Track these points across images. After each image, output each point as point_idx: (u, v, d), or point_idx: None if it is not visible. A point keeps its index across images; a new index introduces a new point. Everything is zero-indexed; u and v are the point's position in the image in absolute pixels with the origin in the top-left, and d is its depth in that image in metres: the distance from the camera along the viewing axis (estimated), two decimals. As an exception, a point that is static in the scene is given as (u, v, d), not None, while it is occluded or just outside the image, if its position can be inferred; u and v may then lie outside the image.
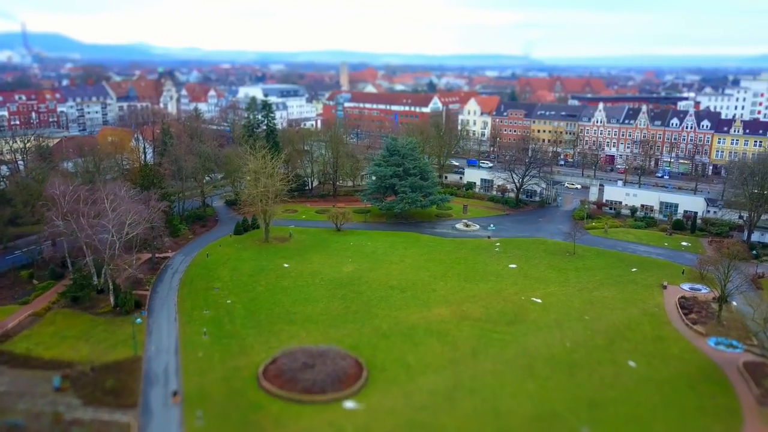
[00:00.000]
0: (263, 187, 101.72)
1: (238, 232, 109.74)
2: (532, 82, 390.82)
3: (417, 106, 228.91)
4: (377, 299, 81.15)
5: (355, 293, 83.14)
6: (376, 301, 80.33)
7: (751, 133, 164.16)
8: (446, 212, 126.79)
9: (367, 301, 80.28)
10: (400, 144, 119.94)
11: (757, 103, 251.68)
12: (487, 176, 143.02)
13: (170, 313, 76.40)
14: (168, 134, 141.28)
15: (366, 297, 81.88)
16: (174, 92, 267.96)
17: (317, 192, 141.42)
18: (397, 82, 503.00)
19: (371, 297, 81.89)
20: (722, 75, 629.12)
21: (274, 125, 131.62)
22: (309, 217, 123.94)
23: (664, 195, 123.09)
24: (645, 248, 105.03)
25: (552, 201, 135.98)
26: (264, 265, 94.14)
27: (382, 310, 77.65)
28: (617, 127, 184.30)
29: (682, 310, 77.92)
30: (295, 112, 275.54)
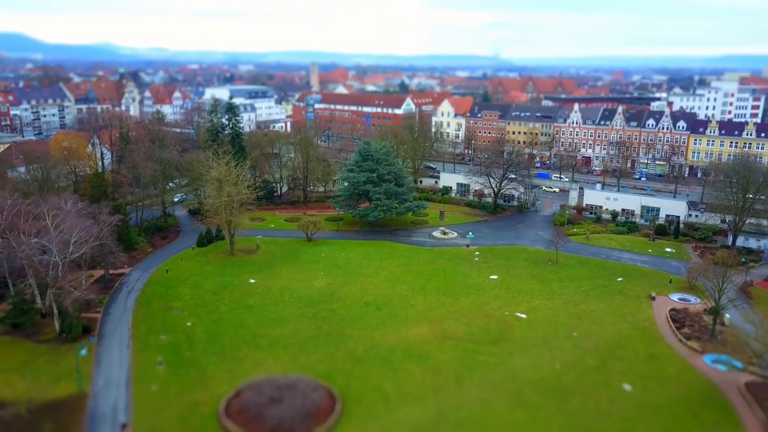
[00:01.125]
0: (227, 195, 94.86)
1: (202, 244, 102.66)
2: (505, 82, 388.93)
3: (389, 107, 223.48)
4: (351, 318, 75.20)
5: (328, 311, 77.05)
6: (351, 321, 74.38)
7: (726, 134, 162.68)
8: (422, 219, 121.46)
9: (341, 321, 74.26)
10: (373, 148, 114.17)
11: (728, 103, 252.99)
12: (464, 181, 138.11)
13: (123, 339, 69.27)
14: (126, 139, 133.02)
15: (339, 316, 75.86)
16: (136, 94, 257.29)
17: (287, 198, 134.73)
18: (369, 82, 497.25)
19: (345, 316, 75.90)
20: (688, 75, 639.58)
21: (239, 129, 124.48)
22: (278, 226, 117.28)
23: (646, 199, 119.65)
24: (629, 255, 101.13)
25: (530, 206, 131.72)
26: (228, 281, 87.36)
27: (357, 330, 71.74)
28: (593, 128, 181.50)
29: (674, 324, 73.76)
30: (264, 114, 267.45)
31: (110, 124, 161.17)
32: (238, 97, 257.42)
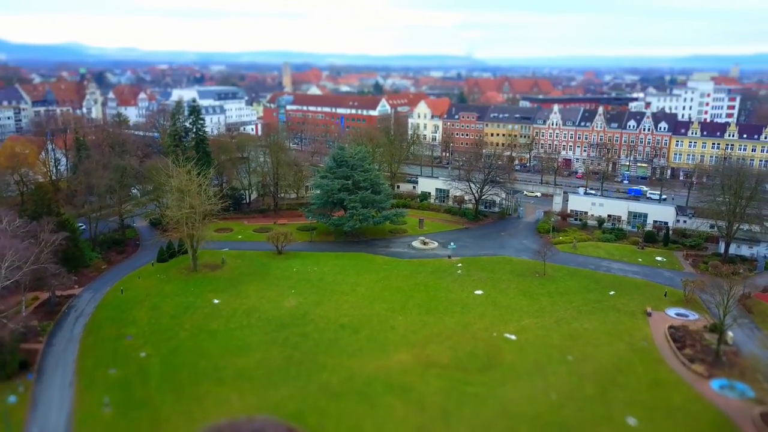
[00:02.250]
0: (189, 207, 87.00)
1: (162, 260, 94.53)
2: (480, 82, 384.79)
3: (364, 108, 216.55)
4: (326, 343, 68.22)
5: (299, 336, 69.93)
6: (325, 347, 67.39)
7: (708, 135, 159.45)
8: (401, 227, 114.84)
9: (314, 347, 67.22)
10: (348, 154, 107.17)
11: (704, 103, 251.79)
12: (443, 186, 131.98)
13: (66, 375, 61.26)
14: (82, 144, 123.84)
15: (312, 341, 68.82)
16: (98, 95, 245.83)
17: (256, 207, 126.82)
18: (342, 83, 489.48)
19: (318, 341, 68.88)
20: (659, 75, 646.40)
21: (203, 133, 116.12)
22: (246, 237, 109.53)
23: (633, 204, 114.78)
24: (619, 265, 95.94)
25: (513, 212, 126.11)
26: (190, 301, 79.59)
27: (332, 358, 64.80)
28: (573, 129, 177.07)
29: (675, 344, 68.38)
30: (234, 116, 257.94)
31: (70, 127, 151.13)
32: (207, 98, 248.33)
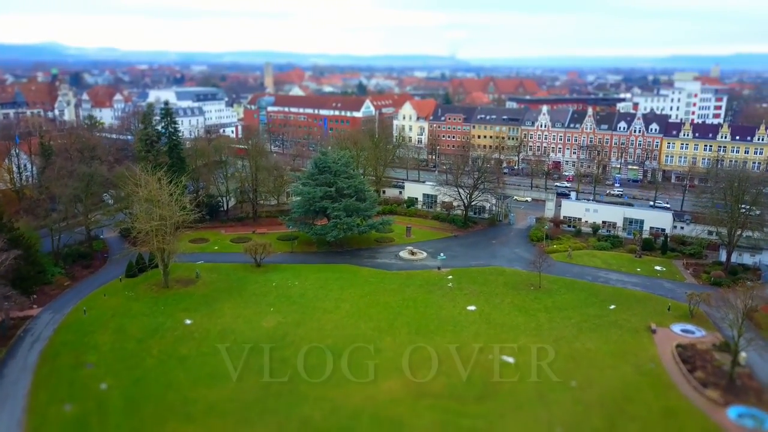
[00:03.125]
0: (159, 219, 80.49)
1: (131, 274, 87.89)
2: (465, 83, 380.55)
3: (348, 110, 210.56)
4: (307, 370, 62.21)
5: (278, 362, 63.89)
6: (306, 374, 61.38)
7: (700, 137, 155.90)
8: (387, 236, 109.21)
9: (294, 375, 61.20)
10: (330, 159, 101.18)
11: (691, 104, 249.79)
12: (431, 191, 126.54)
13: (14, 413, 54.62)
14: (48, 150, 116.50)
15: (292, 367, 62.78)
16: (71, 96, 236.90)
17: (234, 215, 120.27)
18: (326, 83, 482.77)
19: (299, 367, 62.87)
20: (641, 75, 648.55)
21: (177, 138, 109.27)
22: (223, 248, 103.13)
23: (629, 211, 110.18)
24: (617, 276, 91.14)
25: (503, 218, 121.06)
26: (159, 322, 73.16)
27: (313, 388, 58.85)
28: (562, 131, 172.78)
29: (684, 365, 63.49)
30: (214, 117, 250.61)
31: (31, 131, 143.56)
32: (185, 99, 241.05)
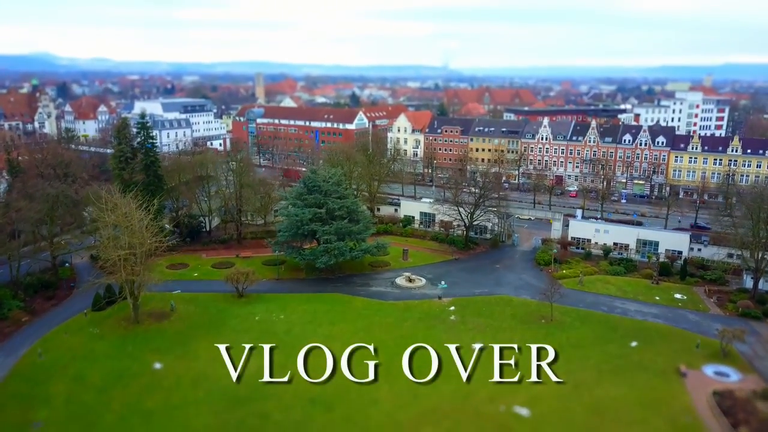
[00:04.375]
0: (127, 246, 71.98)
1: (99, 307, 79.08)
2: (460, 93, 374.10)
3: (340, 122, 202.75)
4: (291, 427, 53.76)
5: (258, 417, 55.34)
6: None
7: (710, 150, 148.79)
8: (382, 259, 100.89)
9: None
10: (321, 177, 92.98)
11: (693, 115, 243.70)
12: (429, 210, 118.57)
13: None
14: (15, 167, 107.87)
15: (274, 424, 54.32)
16: (52, 108, 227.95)
17: (217, 236, 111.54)
18: (318, 94, 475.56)
19: (282, 424, 54.41)
20: (633, 85, 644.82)
21: (154, 154, 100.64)
22: (203, 274, 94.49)
23: (644, 232, 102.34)
24: (635, 306, 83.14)
25: (506, 238, 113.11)
26: (125, 366, 64.47)
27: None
28: (564, 144, 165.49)
29: (726, 418, 55.41)
30: (202, 130, 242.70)
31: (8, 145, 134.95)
32: (172, 110, 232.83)
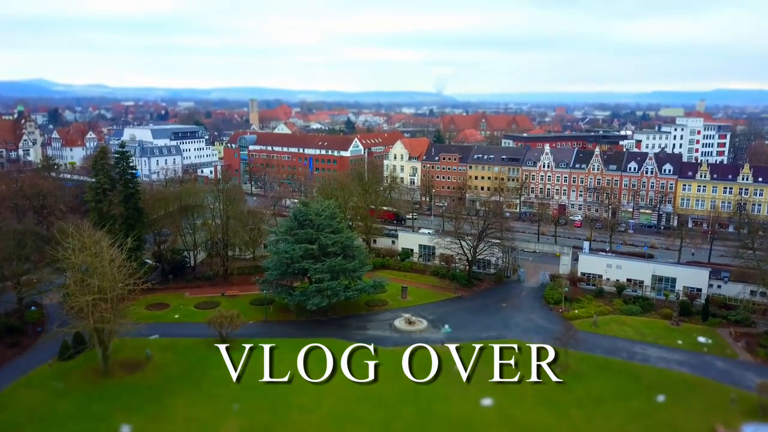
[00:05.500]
0: (97, 291, 64.57)
1: (66, 356, 71.33)
2: (456, 119, 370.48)
3: (335, 149, 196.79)
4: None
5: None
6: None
7: (719, 179, 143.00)
8: (380, 297, 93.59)
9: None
10: (313, 210, 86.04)
11: (694, 141, 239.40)
12: (428, 242, 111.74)
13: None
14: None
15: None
16: (38, 135, 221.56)
17: (202, 272, 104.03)
18: (313, 120, 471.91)
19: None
20: (627, 111, 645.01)
21: (134, 185, 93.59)
22: (184, 315, 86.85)
23: (660, 268, 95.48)
24: (656, 351, 75.89)
25: (511, 273, 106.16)
26: (87, 430, 56.58)
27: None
28: (567, 172, 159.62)
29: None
30: (193, 157, 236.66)
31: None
32: (162, 137, 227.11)
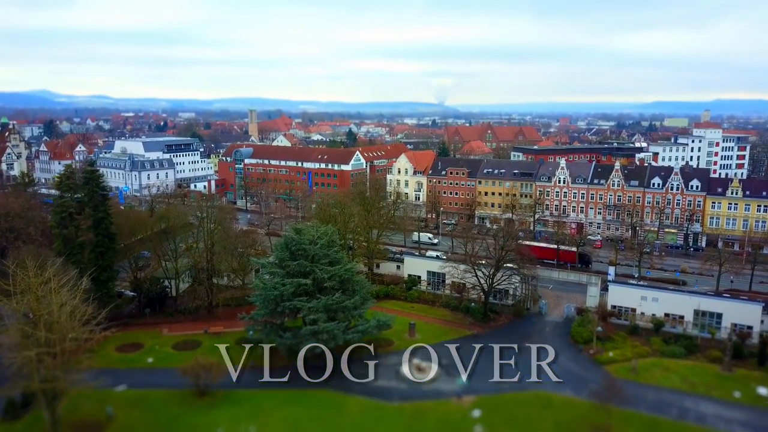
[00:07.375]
0: (43, 344, 53.29)
1: (13, 415, 60.15)
2: (461, 130, 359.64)
3: (335, 163, 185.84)
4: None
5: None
6: None
7: (753, 196, 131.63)
8: (384, 335, 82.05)
9: None
10: (306, 239, 74.67)
11: (713, 153, 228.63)
12: (437, 269, 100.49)
13: None
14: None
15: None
16: (23, 148, 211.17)
17: (184, 305, 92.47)
18: (314, 131, 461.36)
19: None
20: (632, 121, 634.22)
21: (105, 208, 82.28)
22: (160, 359, 75.42)
23: (705, 302, 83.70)
24: (711, 407, 64.34)
25: (532, 305, 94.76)
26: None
27: None
28: (585, 188, 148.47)
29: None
30: (187, 170, 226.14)
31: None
32: (154, 150, 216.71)
